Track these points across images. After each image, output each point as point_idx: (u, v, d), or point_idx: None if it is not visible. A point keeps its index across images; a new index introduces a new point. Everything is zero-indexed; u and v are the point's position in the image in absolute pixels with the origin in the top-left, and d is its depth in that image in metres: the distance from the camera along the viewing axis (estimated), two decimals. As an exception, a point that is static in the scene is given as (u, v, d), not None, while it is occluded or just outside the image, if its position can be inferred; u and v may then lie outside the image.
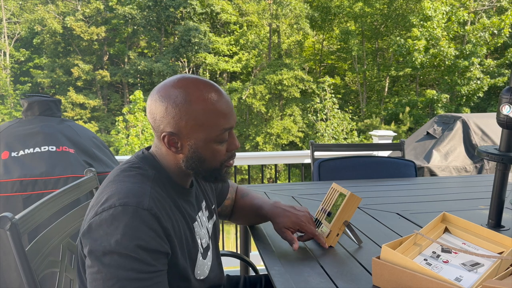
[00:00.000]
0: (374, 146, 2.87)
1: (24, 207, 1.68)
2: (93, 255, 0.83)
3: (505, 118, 1.22)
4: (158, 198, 0.90)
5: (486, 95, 17.30)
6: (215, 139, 0.95)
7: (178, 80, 0.95)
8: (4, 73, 21.65)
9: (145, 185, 0.91)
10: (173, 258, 0.92)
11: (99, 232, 0.83)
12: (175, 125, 0.92)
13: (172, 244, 0.90)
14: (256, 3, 20.26)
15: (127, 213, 0.83)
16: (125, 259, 0.81)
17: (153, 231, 0.85)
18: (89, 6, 21.64)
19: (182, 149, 0.95)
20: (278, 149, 18.00)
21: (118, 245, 0.81)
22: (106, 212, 0.84)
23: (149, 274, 0.83)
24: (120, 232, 0.82)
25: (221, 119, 0.94)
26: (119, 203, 0.84)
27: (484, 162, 4.08)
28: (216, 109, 0.93)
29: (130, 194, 0.86)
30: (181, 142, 0.94)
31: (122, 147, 13.02)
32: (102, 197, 0.88)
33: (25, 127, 1.96)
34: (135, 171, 0.94)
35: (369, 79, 20.99)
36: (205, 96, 0.93)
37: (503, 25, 15.68)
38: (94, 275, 0.82)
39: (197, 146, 0.94)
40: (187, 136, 0.93)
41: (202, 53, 19.96)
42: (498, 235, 1.05)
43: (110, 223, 0.83)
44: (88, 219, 0.86)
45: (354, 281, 1.00)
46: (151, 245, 0.84)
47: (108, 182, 0.94)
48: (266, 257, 1.14)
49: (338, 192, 1.25)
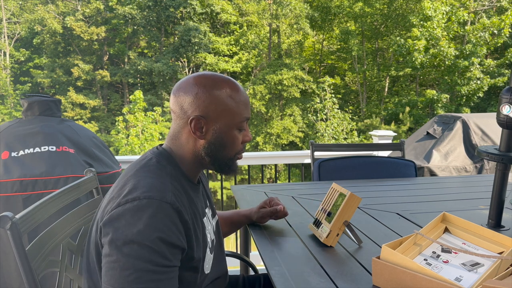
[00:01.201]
0: (374, 146, 2.87)
1: (24, 207, 1.68)
2: (113, 244, 0.84)
3: (505, 118, 1.22)
4: (177, 193, 0.93)
5: (486, 95, 17.30)
6: (237, 125, 1.01)
7: (201, 75, 1.01)
8: (4, 73, 21.64)
9: (165, 180, 0.94)
10: (190, 252, 0.93)
11: (122, 222, 0.84)
12: (205, 108, 0.98)
13: (189, 238, 0.92)
14: (256, 3, 20.26)
15: (152, 206, 0.85)
16: (144, 250, 0.82)
17: (175, 225, 0.87)
18: (89, 6, 21.63)
19: (206, 134, 0.99)
20: (278, 149, 18.01)
21: (140, 235, 0.82)
22: (130, 204, 0.85)
23: (164, 268, 0.85)
24: (143, 222, 0.83)
25: (243, 107, 1.01)
26: (143, 196, 0.86)
27: (484, 162, 4.08)
28: (239, 97, 1.01)
29: (153, 188, 0.89)
30: (206, 126, 0.99)
31: (122, 147, 13.02)
32: (125, 189, 0.90)
33: (25, 127, 1.96)
34: (154, 166, 0.97)
35: (369, 79, 20.99)
36: (231, 85, 1.01)
37: (503, 25, 15.67)
38: (112, 263, 0.83)
39: (221, 130, 1.00)
40: (215, 119, 0.99)
41: (202, 53, 19.97)
42: (498, 235, 1.05)
43: (133, 213, 0.84)
44: (110, 209, 0.87)
45: (354, 281, 1.00)
46: (171, 238, 0.86)
47: (128, 176, 0.95)
48: (266, 257, 1.15)
49: (338, 192, 1.25)
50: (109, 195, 0.94)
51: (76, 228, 1.25)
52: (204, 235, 1.03)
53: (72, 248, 1.22)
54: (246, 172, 3.52)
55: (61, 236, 1.16)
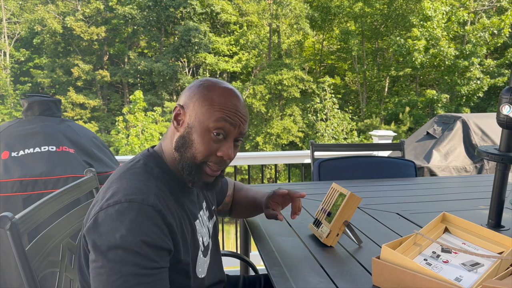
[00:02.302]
0: (374, 146, 2.87)
1: (24, 207, 1.68)
2: (98, 250, 0.83)
3: (505, 118, 1.22)
4: (162, 195, 0.92)
5: (486, 95, 17.29)
6: (212, 128, 0.94)
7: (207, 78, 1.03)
8: (4, 73, 21.64)
9: (150, 182, 0.93)
10: (176, 255, 0.93)
11: (105, 227, 0.84)
12: (188, 100, 0.98)
13: (175, 241, 0.91)
14: (256, 3, 20.26)
15: (133, 209, 0.84)
16: (129, 254, 0.82)
17: (158, 227, 0.86)
18: (89, 6, 21.63)
19: (181, 126, 0.98)
20: (278, 149, 18.00)
21: (123, 240, 0.82)
22: (112, 208, 0.85)
23: (152, 270, 0.84)
24: (126, 227, 0.83)
25: (227, 112, 0.95)
26: (125, 199, 0.86)
27: (484, 162, 4.08)
28: (229, 101, 0.97)
29: (135, 191, 0.88)
30: (183, 117, 0.98)
31: (122, 147, 13.02)
32: (108, 193, 0.89)
33: (25, 127, 1.96)
34: (140, 169, 0.96)
35: (369, 79, 20.98)
36: (225, 91, 0.98)
37: (503, 25, 15.66)
38: (98, 269, 0.83)
39: (194, 126, 0.96)
40: (191, 112, 0.96)
41: (202, 53, 19.96)
42: (498, 235, 1.05)
43: (115, 218, 0.84)
44: (93, 214, 0.87)
45: (354, 281, 1.00)
46: (155, 241, 0.85)
47: (113, 179, 0.95)
48: (266, 257, 1.14)
49: (338, 192, 1.25)
50: (96, 198, 0.94)
51: (76, 228, 1.25)
52: (194, 239, 1.01)
53: (72, 248, 1.22)
54: (246, 172, 3.53)
55: (61, 236, 1.16)
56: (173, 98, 21.18)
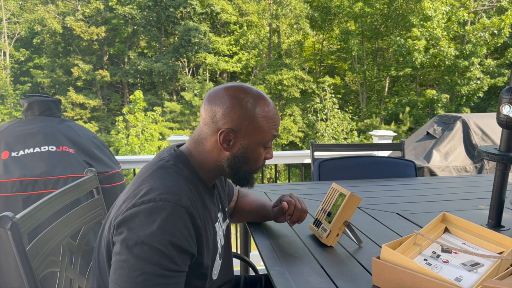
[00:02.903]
0: (374, 146, 2.87)
1: (24, 207, 1.68)
2: (125, 244, 0.84)
3: (505, 118, 1.22)
4: (192, 197, 0.93)
5: (486, 95, 17.29)
6: (264, 144, 1.03)
7: (243, 87, 1.03)
8: (4, 73, 21.64)
9: (181, 183, 0.94)
10: (199, 258, 0.93)
11: (136, 222, 0.85)
12: (238, 123, 0.98)
13: (200, 243, 0.92)
14: (256, 3, 20.26)
15: (166, 209, 0.85)
16: (154, 252, 0.82)
17: (187, 229, 0.87)
18: (89, 6, 21.63)
19: (233, 147, 1.00)
20: (278, 149, 18.00)
21: (152, 237, 0.83)
22: (146, 205, 0.86)
23: (172, 272, 0.85)
24: (157, 225, 0.84)
25: (273, 126, 1.03)
26: (159, 198, 0.87)
27: (484, 162, 4.08)
28: (272, 118, 1.03)
29: (170, 191, 0.89)
30: (235, 140, 1.00)
31: (122, 147, 13.01)
32: (141, 189, 0.90)
33: (25, 127, 1.96)
34: (171, 169, 0.97)
35: (369, 79, 20.98)
36: (266, 104, 1.02)
37: (503, 25, 15.66)
38: (121, 263, 0.83)
39: (249, 147, 1.01)
40: (244, 136, 1.00)
41: (202, 53, 19.97)
42: (498, 235, 1.05)
43: (148, 215, 0.85)
44: (125, 209, 0.88)
45: (354, 281, 1.00)
46: (182, 243, 0.86)
47: (145, 176, 0.95)
48: (266, 257, 1.14)
49: (338, 192, 1.25)
50: (124, 195, 0.95)
51: (76, 228, 1.25)
52: (214, 241, 1.03)
53: (72, 248, 1.22)
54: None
55: (61, 236, 1.16)
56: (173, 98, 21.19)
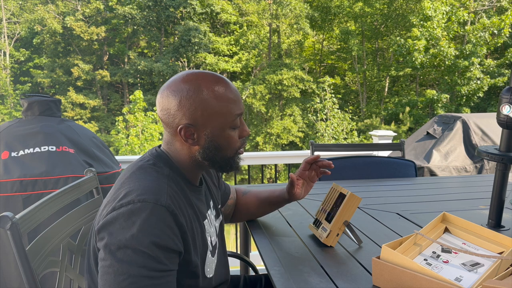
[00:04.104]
0: (374, 146, 2.87)
1: (24, 207, 1.69)
2: (107, 249, 0.83)
3: (505, 118, 1.22)
4: (173, 195, 0.92)
5: (486, 95, 17.30)
6: (229, 125, 0.98)
7: (187, 75, 0.98)
8: (4, 73, 21.64)
9: (161, 182, 0.92)
10: (186, 256, 0.93)
11: (116, 226, 0.84)
12: (191, 116, 0.95)
13: (185, 241, 0.91)
14: (256, 3, 20.26)
15: (146, 209, 0.84)
16: (138, 255, 0.82)
17: (169, 228, 0.86)
18: (89, 6, 21.62)
19: (199, 140, 0.98)
20: (278, 149, 18.00)
21: (133, 240, 0.82)
22: (125, 208, 0.85)
23: (160, 272, 0.84)
24: (137, 227, 0.83)
25: (232, 105, 0.98)
26: (137, 199, 0.85)
27: (484, 162, 4.08)
28: (226, 96, 0.97)
29: (148, 191, 0.88)
30: (197, 133, 0.97)
31: (122, 147, 13.01)
32: (120, 193, 0.89)
33: (25, 127, 1.96)
34: (151, 168, 0.96)
35: (369, 79, 20.98)
36: (215, 85, 0.97)
37: (503, 25, 15.67)
38: (106, 268, 0.82)
39: (214, 134, 0.97)
40: (203, 125, 0.96)
41: (202, 53, 19.96)
42: (498, 235, 1.05)
43: (127, 217, 0.84)
44: (105, 214, 0.87)
45: (354, 281, 1.00)
46: (166, 242, 0.85)
47: (124, 178, 0.95)
48: (266, 257, 1.14)
49: (338, 192, 1.25)
50: (106, 199, 0.94)
51: (76, 228, 1.25)
52: (204, 238, 1.02)
53: (72, 248, 1.22)
54: (246, 172, 3.52)
55: (61, 236, 1.16)
56: (173, 98, 21.12)
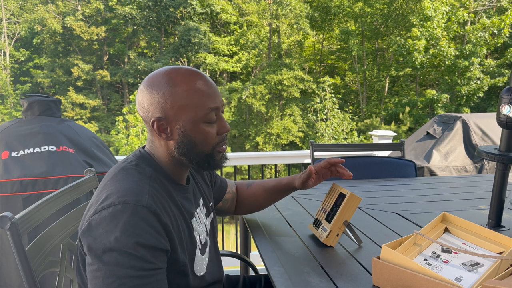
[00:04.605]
0: (374, 146, 2.87)
1: (24, 207, 1.68)
2: (92, 253, 0.83)
3: (505, 118, 1.22)
4: (156, 195, 0.91)
5: (486, 95, 17.30)
6: (202, 119, 0.96)
7: (161, 70, 0.98)
8: (4, 73, 21.64)
9: (143, 183, 0.92)
10: (173, 254, 0.92)
11: (99, 230, 0.83)
12: (161, 109, 0.94)
13: (171, 240, 0.91)
14: (256, 3, 20.26)
15: (127, 211, 0.84)
16: (124, 256, 0.82)
17: (153, 228, 0.86)
18: (89, 6, 21.63)
19: (172, 134, 0.96)
20: (278, 149, 18.00)
21: (117, 242, 0.82)
22: (106, 211, 0.84)
23: (148, 271, 0.84)
24: (120, 229, 0.82)
25: (205, 98, 0.96)
26: (118, 201, 0.85)
27: (484, 162, 4.08)
28: (199, 89, 0.95)
29: (129, 192, 0.87)
30: (170, 126, 0.96)
31: (122, 147, 13.02)
32: (101, 195, 0.89)
33: (25, 127, 1.96)
34: (133, 169, 0.96)
35: (369, 79, 20.98)
36: (187, 78, 0.96)
37: (503, 25, 15.67)
38: (94, 272, 0.83)
39: (186, 128, 0.95)
40: (174, 118, 0.95)
41: (202, 53, 19.96)
42: (498, 235, 1.05)
43: (109, 220, 0.83)
44: (88, 218, 0.87)
45: (354, 281, 1.00)
46: (151, 242, 0.85)
47: (106, 181, 0.95)
48: (266, 257, 1.14)
49: (338, 192, 1.25)
50: (90, 201, 0.94)
51: (76, 228, 1.25)
52: (191, 237, 1.01)
53: (72, 248, 1.22)
54: (246, 172, 3.52)
55: (61, 236, 1.16)
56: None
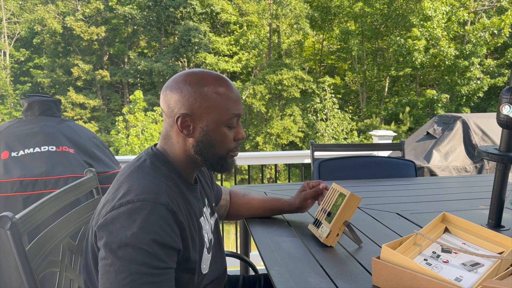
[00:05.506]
0: (374, 146, 2.87)
1: (24, 207, 1.68)
2: (108, 247, 0.84)
3: (505, 118, 1.22)
4: (172, 194, 0.93)
5: (486, 95, 17.30)
6: (225, 122, 1.00)
7: (190, 72, 1.01)
8: (4, 73, 21.64)
9: (159, 181, 0.94)
10: (186, 253, 0.94)
11: (116, 225, 0.85)
12: (189, 106, 0.97)
13: (185, 238, 0.92)
14: (256, 3, 20.26)
15: (145, 208, 0.85)
16: (139, 252, 0.83)
17: (169, 226, 0.87)
18: (89, 6, 21.63)
19: (194, 132, 0.99)
20: (278, 149, 18.00)
21: (134, 238, 0.83)
22: (124, 207, 0.86)
23: (160, 270, 0.85)
24: (137, 225, 0.84)
25: (231, 103, 1.00)
26: (137, 198, 0.87)
27: (484, 162, 4.08)
28: (227, 94, 0.99)
29: (147, 190, 0.89)
30: (193, 124, 0.98)
31: (122, 147, 13.02)
32: (119, 192, 0.90)
33: (25, 127, 1.96)
34: (148, 168, 0.97)
35: (369, 79, 20.99)
36: (218, 82, 0.99)
37: (503, 25, 15.67)
38: (107, 267, 0.83)
39: (208, 128, 0.99)
40: (200, 117, 0.98)
41: (202, 53, 19.96)
42: (498, 235, 1.05)
43: (127, 216, 0.85)
44: (105, 213, 0.88)
45: (354, 281, 1.00)
46: (166, 240, 0.86)
47: (123, 178, 0.95)
48: (266, 257, 1.14)
49: (338, 192, 1.25)
50: (104, 198, 0.94)
51: (76, 228, 1.25)
52: (200, 236, 1.03)
53: (72, 248, 1.22)
54: (246, 172, 3.52)
55: (61, 236, 1.16)
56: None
